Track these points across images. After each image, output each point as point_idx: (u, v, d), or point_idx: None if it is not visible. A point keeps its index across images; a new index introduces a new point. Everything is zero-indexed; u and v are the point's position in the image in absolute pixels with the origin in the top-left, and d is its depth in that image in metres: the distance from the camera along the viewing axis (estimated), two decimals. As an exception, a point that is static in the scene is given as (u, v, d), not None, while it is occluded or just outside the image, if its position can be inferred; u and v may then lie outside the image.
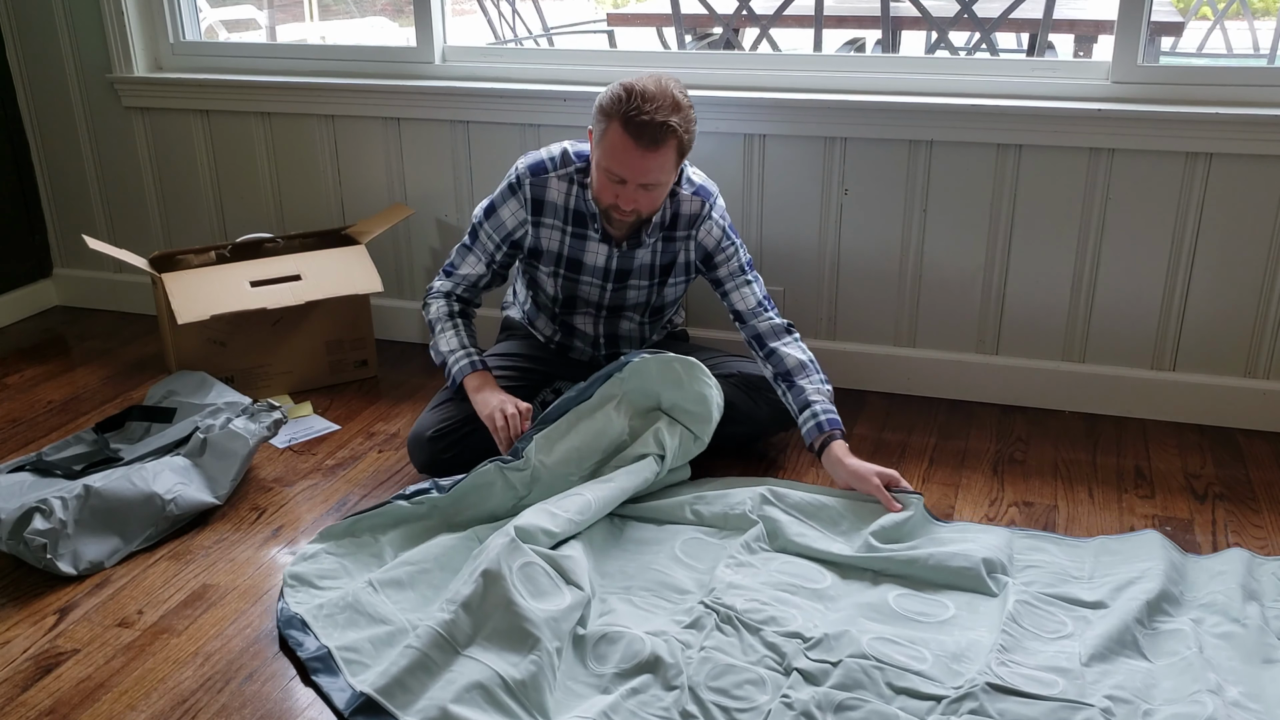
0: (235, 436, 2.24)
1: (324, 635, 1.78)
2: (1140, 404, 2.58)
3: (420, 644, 1.68)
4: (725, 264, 2.32)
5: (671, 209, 2.27)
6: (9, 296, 3.29)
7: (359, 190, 3.00)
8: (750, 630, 1.78)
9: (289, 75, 2.98)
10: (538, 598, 1.77)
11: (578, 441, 2.13)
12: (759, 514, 2.07)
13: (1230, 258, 2.44)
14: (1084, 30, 3.65)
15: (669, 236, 2.30)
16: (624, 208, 2.14)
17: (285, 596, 1.88)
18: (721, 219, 2.31)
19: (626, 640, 1.74)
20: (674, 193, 2.26)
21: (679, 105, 2.08)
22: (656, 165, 2.08)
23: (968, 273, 2.61)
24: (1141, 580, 1.89)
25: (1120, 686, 1.65)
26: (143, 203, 3.22)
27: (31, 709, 1.70)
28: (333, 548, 1.98)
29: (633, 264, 2.32)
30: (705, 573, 1.95)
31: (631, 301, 2.39)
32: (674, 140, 2.08)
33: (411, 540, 2.01)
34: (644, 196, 2.13)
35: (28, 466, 2.19)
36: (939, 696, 1.63)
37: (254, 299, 2.66)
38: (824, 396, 2.24)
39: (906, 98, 2.51)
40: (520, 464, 2.09)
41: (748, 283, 2.33)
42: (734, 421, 2.33)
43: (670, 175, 2.14)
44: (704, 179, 2.32)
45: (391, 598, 1.84)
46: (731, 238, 2.32)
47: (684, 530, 2.09)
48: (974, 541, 2.00)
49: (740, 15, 3.61)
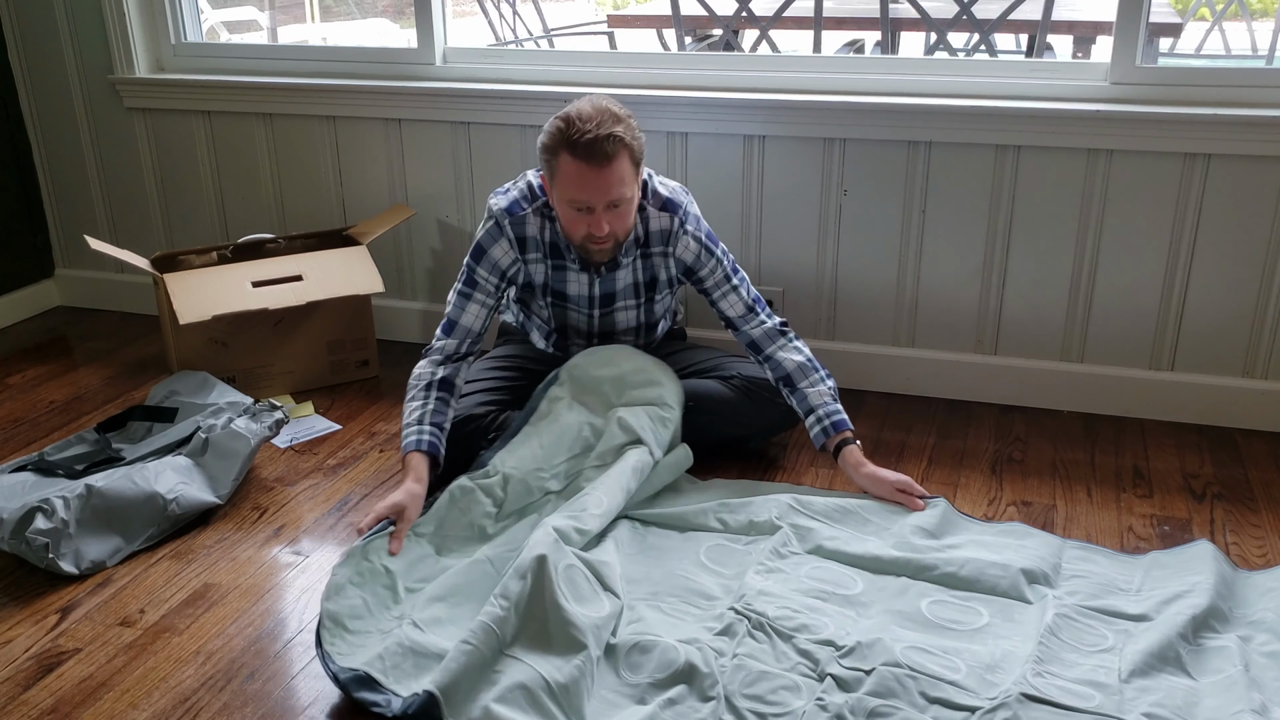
0: (237, 436, 2.25)
1: (405, 690, 1.67)
2: (1139, 404, 2.59)
3: (475, 640, 1.67)
4: (709, 276, 2.30)
5: (642, 226, 2.26)
6: (11, 296, 3.30)
7: (360, 191, 3.01)
8: (783, 637, 1.77)
9: (290, 76, 2.99)
10: (579, 602, 1.77)
11: (539, 442, 2.17)
12: (786, 521, 2.07)
13: (1228, 258, 2.44)
14: (1082, 31, 3.65)
15: (645, 254, 2.29)
16: (598, 235, 2.13)
17: (324, 643, 1.75)
18: (696, 230, 2.28)
19: (660, 649, 1.73)
20: (642, 208, 2.24)
21: (618, 117, 2.08)
22: (615, 180, 2.07)
23: (966, 273, 2.61)
24: (1190, 594, 1.84)
25: (1160, 704, 1.61)
26: (144, 203, 3.23)
27: (33, 708, 1.70)
28: (354, 576, 1.87)
29: (615, 286, 2.31)
30: (732, 579, 1.95)
31: (622, 325, 2.39)
32: (624, 150, 2.07)
33: (416, 567, 1.95)
34: (614, 217, 2.12)
35: (30, 466, 2.20)
36: (973, 707, 1.61)
37: (255, 299, 2.67)
38: (827, 397, 2.25)
39: (905, 99, 2.52)
40: (489, 470, 2.11)
41: (734, 289, 2.31)
42: (738, 424, 2.34)
43: (632, 188, 2.12)
44: (671, 190, 2.29)
45: (443, 636, 1.78)
46: (710, 247, 2.29)
47: (708, 537, 2.08)
48: (1016, 550, 1.98)
49: (740, 17, 3.62)
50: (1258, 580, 1.93)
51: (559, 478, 2.16)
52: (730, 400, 2.33)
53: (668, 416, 2.23)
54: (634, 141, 2.10)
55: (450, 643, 1.75)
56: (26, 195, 3.30)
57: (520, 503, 2.11)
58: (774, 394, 2.33)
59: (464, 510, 2.06)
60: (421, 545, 2.00)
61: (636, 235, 2.26)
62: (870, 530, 2.08)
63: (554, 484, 2.15)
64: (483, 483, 2.09)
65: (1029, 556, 1.96)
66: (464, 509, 2.06)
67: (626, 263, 2.28)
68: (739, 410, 2.33)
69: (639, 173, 2.15)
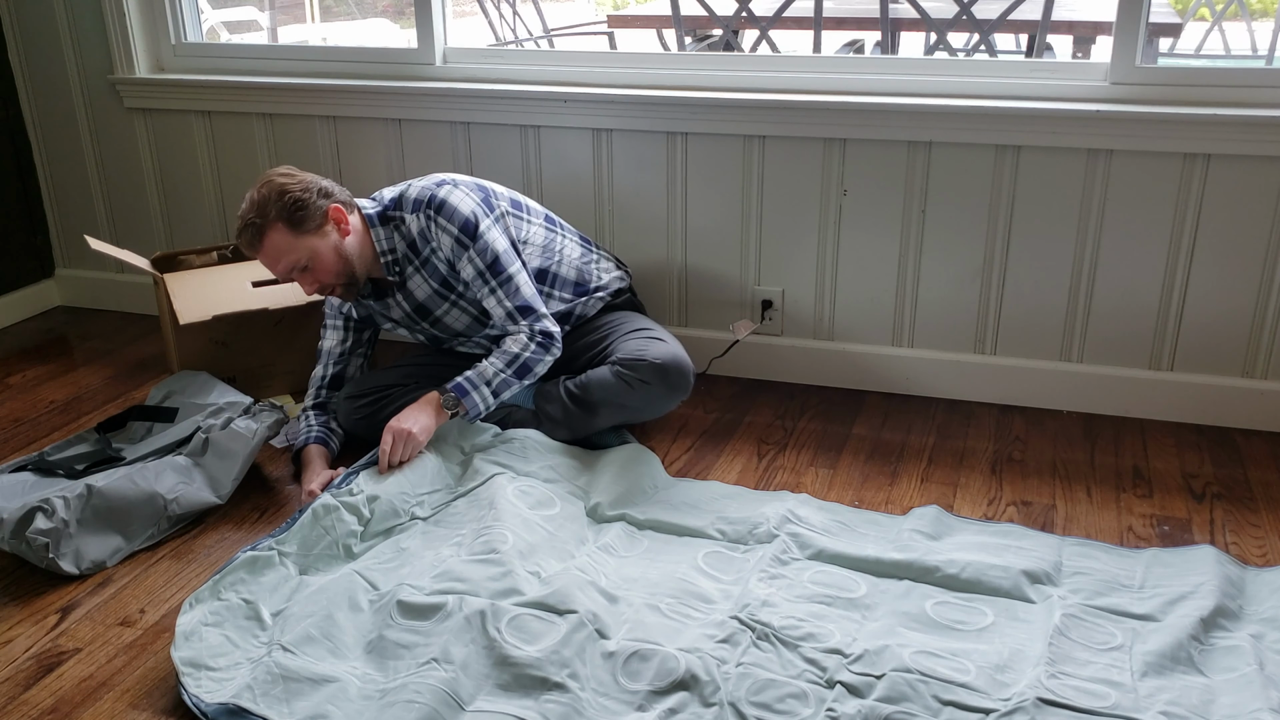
0: (237, 436, 2.25)
1: (277, 715, 1.64)
2: (1138, 404, 2.59)
3: (425, 699, 1.63)
4: (465, 268, 2.30)
5: (404, 239, 2.32)
6: (11, 296, 3.30)
7: (361, 191, 3.00)
8: (788, 646, 1.76)
9: (290, 76, 2.99)
10: (533, 642, 1.75)
11: (398, 472, 2.16)
12: (784, 531, 2.07)
13: (1228, 258, 2.45)
14: (1082, 31, 3.65)
15: (423, 261, 2.33)
16: (307, 293, 2.29)
17: (189, 688, 1.69)
18: (450, 221, 2.27)
19: (660, 658, 1.72)
20: (399, 223, 2.31)
21: (255, 202, 2.20)
22: (271, 256, 2.23)
23: (966, 273, 2.61)
24: (1194, 596, 1.84)
25: (1175, 703, 1.61)
26: (144, 203, 3.23)
27: (33, 708, 1.71)
28: (206, 617, 1.82)
29: (418, 298, 2.39)
30: (732, 584, 1.94)
31: (460, 327, 2.43)
32: (265, 232, 2.20)
33: (279, 590, 1.91)
34: (305, 277, 2.26)
35: (30, 466, 2.20)
36: (986, 709, 1.61)
37: (256, 299, 2.67)
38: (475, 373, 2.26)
39: (905, 99, 2.52)
40: (352, 488, 2.10)
41: (492, 292, 2.29)
42: (624, 410, 2.33)
43: (297, 254, 2.22)
44: (421, 188, 2.31)
45: (312, 654, 1.75)
46: (464, 240, 2.27)
47: (705, 543, 2.08)
48: (1016, 553, 1.99)
49: (740, 17, 3.62)
50: (1268, 577, 1.92)
51: (424, 506, 2.15)
52: (612, 385, 2.31)
53: (526, 445, 2.28)
54: (278, 219, 2.19)
55: (324, 664, 1.72)
56: (27, 195, 3.30)
57: (387, 523, 2.09)
58: (645, 374, 2.29)
59: (328, 529, 2.02)
60: (284, 567, 1.95)
61: (405, 250, 2.33)
62: (869, 539, 2.08)
63: (421, 510, 2.14)
64: (347, 500, 2.06)
65: (1029, 558, 1.97)
66: (328, 527, 2.02)
67: (411, 274, 2.35)
68: (620, 394, 2.31)
69: (310, 231, 2.22)
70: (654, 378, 2.28)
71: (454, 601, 1.82)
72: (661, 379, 2.29)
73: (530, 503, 2.12)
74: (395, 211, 2.32)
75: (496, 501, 2.09)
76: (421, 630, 1.79)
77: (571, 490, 2.21)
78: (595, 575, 1.93)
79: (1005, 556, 1.97)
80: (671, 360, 2.29)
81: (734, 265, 2.76)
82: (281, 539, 1.99)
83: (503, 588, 1.86)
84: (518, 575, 1.89)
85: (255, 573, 1.92)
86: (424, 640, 1.77)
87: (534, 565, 1.94)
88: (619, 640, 1.77)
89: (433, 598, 1.84)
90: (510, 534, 1.99)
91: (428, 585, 1.88)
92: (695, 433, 2.55)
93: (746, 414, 2.64)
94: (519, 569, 1.91)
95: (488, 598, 1.83)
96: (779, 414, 2.64)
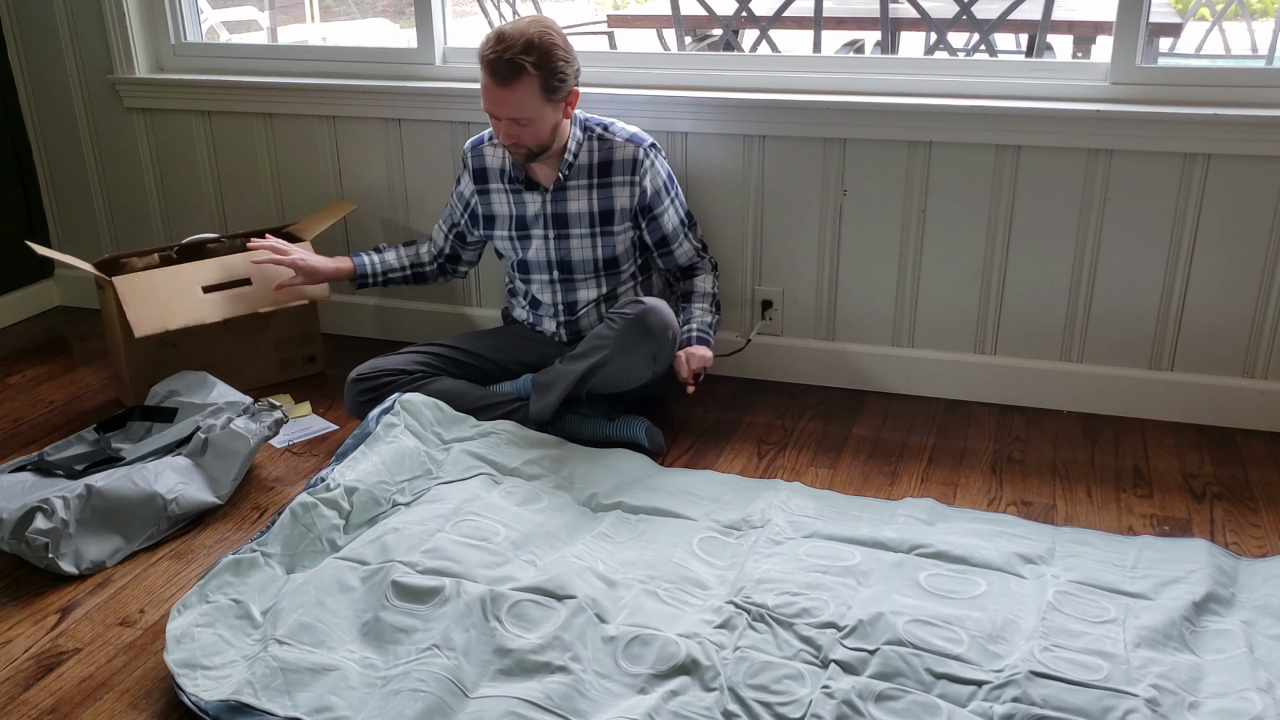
0: (236, 436, 2.25)
1: (280, 708, 1.64)
2: (1138, 404, 2.59)
3: (430, 688, 1.64)
4: (663, 214, 2.46)
5: (601, 154, 2.40)
6: (11, 296, 3.30)
7: (360, 191, 3.01)
8: (783, 626, 1.79)
9: (290, 76, 2.99)
10: (533, 629, 1.76)
11: (379, 459, 2.18)
12: (777, 519, 2.09)
13: (1228, 258, 2.44)
14: (1082, 31, 3.65)
15: (604, 183, 2.41)
16: (502, 142, 2.33)
17: (186, 688, 1.68)
18: (664, 167, 2.46)
19: (660, 643, 1.74)
20: (604, 138, 2.42)
21: (533, 45, 2.21)
22: (515, 100, 2.24)
23: (966, 273, 2.61)
24: (1185, 581, 1.87)
25: (1165, 677, 1.63)
26: (144, 203, 3.23)
27: (33, 708, 1.71)
28: (197, 619, 1.81)
29: (567, 209, 2.43)
30: (727, 569, 1.96)
31: (578, 257, 2.47)
32: (526, 78, 2.22)
33: (267, 590, 1.91)
34: (520, 130, 2.29)
35: (29, 466, 2.20)
36: (979, 681, 1.64)
37: (209, 309, 2.62)
38: (703, 319, 2.50)
39: (905, 99, 2.52)
40: (329, 485, 2.10)
41: (688, 233, 2.53)
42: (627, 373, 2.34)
43: (535, 110, 2.26)
44: (638, 130, 2.46)
45: (309, 642, 1.75)
46: (669, 187, 2.47)
47: (700, 529, 2.10)
48: (1009, 539, 2.01)
49: (740, 17, 3.62)
50: (1260, 567, 1.94)
51: (404, 492, 2.16)
52: (597, 330, 2.35)
53: (506, 440, 2.31)
54: (542, 71, 2.23)
55: (321, 653, 1.72)
56: (26, 195, 3.30)
57: (368, 513, 2.10)
58: (628, 313, 2.31)
59: (308, 526, 2.03)
60: (270, 567, 1.96)
61: (592, 163, 2.40)
62: (862, 523, 2.10)
63: (402, 497, 2.15)
64: (324, 497, 2.07)
65: (1023, 544, 2.00)
66: (308, 525, 2.03)
67: (577, 186, 2.42)
68: (602, 338, 2.33)
69: (553, 100, 2.28)
70: (634, 318, 2.32)
71: (451, 585, 1.83)
72: (639, 320, 2.31)
73: (516, 500, 2.15)
74: (598, 128, 2.43)
75: (482, 496, 2.13)
76: (420, 614, 1.80)
77: (556, 484, 2.23)
78: (592, 561, 1.95)
79: (998, 541, 2.00)
80: (654, 306, 2.33)
81: (734, 265, 2.76)
82: (263, 540, 2.00)
83: (498, 575, 1.88)
84: (513, 563, 1.92)
85: (241, 575, 1.92)
86: (423, 625, 1.78)
87: (529, 555, 1.96)
88: (619, 625, 1.79)
89: (428, 578, 1.85)
90: (502, 527, 2.02)
91: (420, 561, 1.89)
92: (695, 432, 2.55)
93: (746, 414, 2.64)
94: (514, 558, 1.94)
95: (485, 584, 1.84)
96: (779, 414, 2.64)
